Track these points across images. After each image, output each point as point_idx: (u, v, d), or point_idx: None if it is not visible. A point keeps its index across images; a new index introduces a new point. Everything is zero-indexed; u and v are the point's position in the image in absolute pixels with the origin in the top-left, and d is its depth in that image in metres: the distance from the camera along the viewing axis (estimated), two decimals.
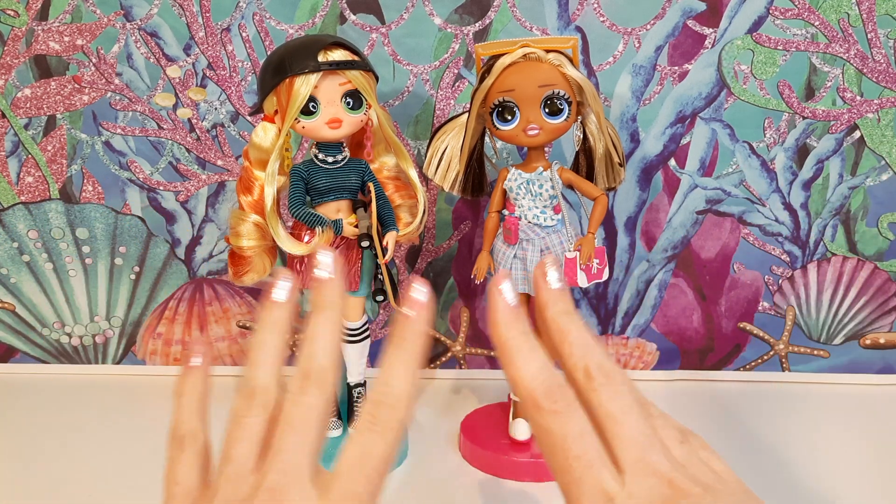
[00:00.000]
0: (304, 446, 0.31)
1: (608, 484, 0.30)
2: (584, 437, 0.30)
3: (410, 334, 0.32)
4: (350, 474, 0.31)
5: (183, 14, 0.74)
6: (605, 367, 0.32)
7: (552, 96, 0.58)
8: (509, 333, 0.32)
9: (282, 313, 0.34)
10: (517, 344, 0.32)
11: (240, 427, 0.32)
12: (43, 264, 0.80)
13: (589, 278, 0.61)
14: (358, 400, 0.67)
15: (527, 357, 0.32)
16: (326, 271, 0.34)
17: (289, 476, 0.30)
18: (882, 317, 0.79)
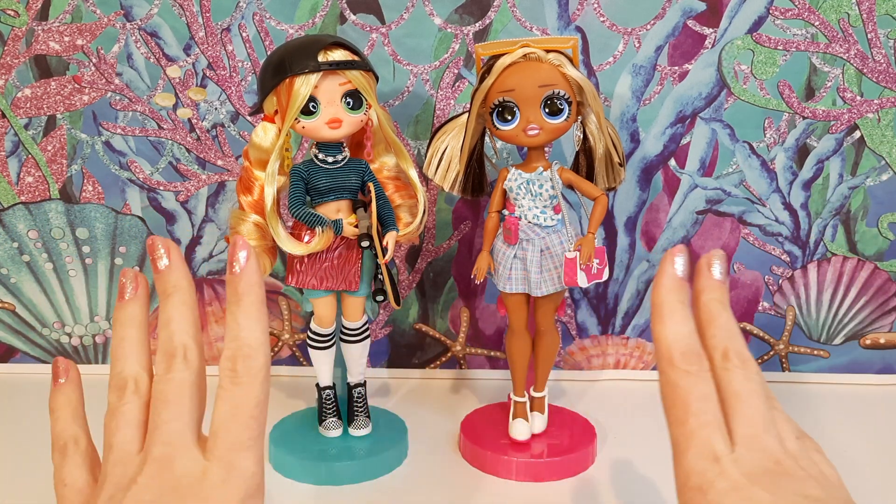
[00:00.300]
0: (181, 416, 0.32)
1: (718, 445, 0.32)
2: (707, 400, 0.33)
3: (244, 286, 0.33)
4: (226, 428, 0.31)
5: (183, 14, 0.74)
6: (743, 354, 0.34)
7: (552, 96, 0.58)
8: (670, 297, 0.34)
9: (135, 308, 0.35)
10: (674, 308, 0.34)
11: (116, 416, 0.33)
12: (43, 264, 0.80)
13: (589, 278, 0.61)
14: (358, 400, 0.67)
15: (678, 321, 0.34)
16: (162, 261, 0.34)
17: (173, 445, 0.31)
18: (882, 317, 0.79)
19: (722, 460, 0.31)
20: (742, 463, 0.31)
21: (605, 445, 0.68)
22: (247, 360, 0.32)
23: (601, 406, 0.75)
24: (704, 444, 0.32)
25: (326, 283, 0.63)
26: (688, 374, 0.33)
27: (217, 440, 0.31)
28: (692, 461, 0.32)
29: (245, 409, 0.32)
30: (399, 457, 0.66)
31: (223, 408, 0.32)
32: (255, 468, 0.32)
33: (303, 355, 0.82)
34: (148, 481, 0.31)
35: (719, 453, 0.31)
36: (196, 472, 0.31)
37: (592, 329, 0.81)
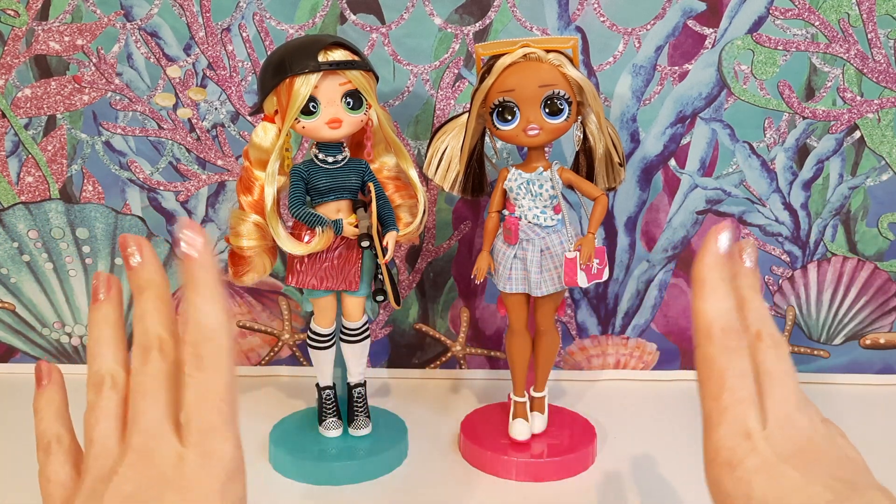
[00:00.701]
0: (158, 406, 0.32)
1: (751, 422, 0.32)
2: (743, 376, 0.32)
3: (199, 270, 0.33)
4: (198, 414, 0.31)
5: (183, 14, 0.74)
6: (776, 336, 0.34)
7: (552, 96, 0.58)
8: (713, 273, 0.34)
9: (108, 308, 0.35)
10: (716, 284, 0.34)
11: (95, 411, 0.33)
12: (43, 264, 0.80)
13: (589, 278, 0.61)
14: (358, 400, 0.67)
15: (720, 296, 0.33)
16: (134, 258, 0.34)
17: (150, 434, 0.31)
18: (882, 317, 0.79)
19: (754, 437, 0.31)
20: (774, 441, 0.31)
21: (605, 445, 0.68)
22: (209, 344, 0.32)
23: (601, 406, 0.75)
24: (737, 420, 0.32)
25: (326, 283, 0.63)
26: (726, 350, 0.33)
27: (190, 427, 0.31)
28: (723, 437, 0.32)
29: (214, 394, 0.32)
30: (399, 457, 0.66)
31: (192, 394, 0.32)
32: (233, 451, 0.32)
33: (303, 355, 0.82)
34: (127, 471, 0.31)
35: (751, 430, 0.32)
36: (174, 459, 0.31)
37: (592, 329, 0.81)
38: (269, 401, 0.76)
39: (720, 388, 0.32)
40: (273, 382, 0.81)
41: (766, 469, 0.31)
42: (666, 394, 0.79)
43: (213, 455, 0.31)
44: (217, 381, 0.32)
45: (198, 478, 0.31)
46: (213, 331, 0.32)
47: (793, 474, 0.30)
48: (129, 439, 0.32)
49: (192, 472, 0.31)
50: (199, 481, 0.30)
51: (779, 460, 0.31)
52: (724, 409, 0.32)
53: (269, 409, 0.73)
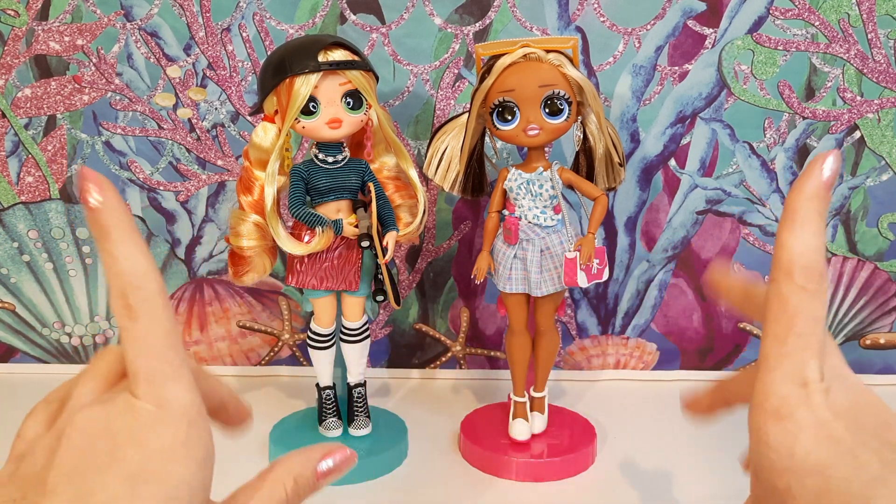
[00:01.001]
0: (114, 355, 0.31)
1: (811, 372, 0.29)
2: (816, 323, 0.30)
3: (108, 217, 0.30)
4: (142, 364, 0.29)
5: (183, 14, 0.74)
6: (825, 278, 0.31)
7: (552, 96, 0.58)
8: (808, 204, 0.31)
9: None
10: (811, 216, 0.30)
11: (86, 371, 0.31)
12: (43, 264, 0.80)
13: (589, 278, 0.61)
14: (358, 400, 0.67)
15: (811, 231, 0.30)
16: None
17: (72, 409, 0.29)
18: (882, 317, 0.79)
19: (810, 387, 0.29)
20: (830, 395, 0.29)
21: (605, 445, 0.68)
22: (137, 292, 0.29)
23: (601, 406, 0.75)
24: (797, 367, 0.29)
25: (326, 283, 0.63)
26: (803, 291, 0.30)
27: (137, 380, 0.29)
28: (777, 382, 0.29)
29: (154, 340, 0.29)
30: (399, 457, 0.66)
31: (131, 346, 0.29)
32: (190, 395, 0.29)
33: (303, 355, 0.82)
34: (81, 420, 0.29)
35: (809, 379, 0.29)
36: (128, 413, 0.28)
37: (592, 329, 0.81)
38: (269, 401, 0.76)
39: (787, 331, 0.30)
40: (273, 382, 0.81)
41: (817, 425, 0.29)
42: (666, 394, 0.79)
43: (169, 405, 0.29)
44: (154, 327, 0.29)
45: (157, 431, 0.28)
46: (137, 276, 0.29)
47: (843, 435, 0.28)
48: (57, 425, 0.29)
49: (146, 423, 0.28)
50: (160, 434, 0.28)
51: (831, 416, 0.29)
52: (786, 354, 0.30)
53: (269, 409, 0.73)
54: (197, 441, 0.29)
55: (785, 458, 0.29)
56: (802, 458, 0.28)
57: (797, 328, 0.30)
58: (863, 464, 0.28)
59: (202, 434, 0.29)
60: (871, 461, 0.28)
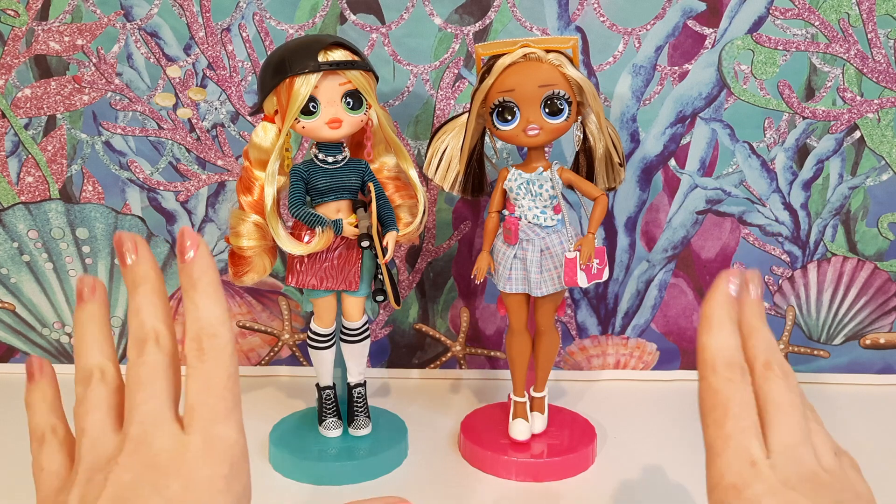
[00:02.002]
0: (156, 396, 0.32)
1: (755, 451, 0.32)
2: (746, 406, 0.33)
3: (198, 271, 0.33)
4: (202, 402, 0.32)
5: (183, 14, 0.74)
6: (784, 367, 0.35)
7: (552, 96, 0.58)
8: (720, 311, 0.35)
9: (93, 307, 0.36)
10: (723, 321, 0.35)
11: (84, 403, 0.33)
12: (43, 264, 0.80)
13: (589, 278, 0.61)
14: (358, 400, 0.67)
15: (726, 333, 0.35)
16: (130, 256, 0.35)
17: (150, 423, 0.31)
18: (882, 317, 0.79)
19: (759, 465, 0.32)
20: (779, 470, 0.32)
21: (605, 445, 0.68)
22: (211, 339, 0.33)
23: (601, 406, 0.75)
24: (742, 448, 0.32)
25: (326, 283, 0.63)
26: (730, 382, 0.34)
27: (194, 414, 0.31)
28: (729, 462, 0.32)
29: (217, 383, 0.32)
30: (399, 457, 0.66)
31: (195, 384, 0.32)
32: (237, 436, 0.32)
33: (303, 355, 0.82)
34: (127, 460, 0.30)
35: (756, 458, 0.32)
36: (175, 447, 0.31)
37: (592, 329, 0.81)
38: (269, 401, 0.76)
39: (724, 416, 0.33)
40: (273, 382, 0.81)
41: (774, 494, 0.31)
42: (666, 394, 0.79)
43: (216, 442, 0.31)
44: (219, 371, 0.32)
45: (201, 465, 0.30)
46: (214, 326, 0.33)
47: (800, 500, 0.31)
48: (128, 429, 0.31)
49: (194, 458, 0.30)
50: (204, 468, 0.30)
51: (786, 487, 0.31)
52: (728, 437, 0.33)
53: (269, 409, 0.73)
54: (238, 478, 0.31)
55: None
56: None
57: (731, 412, 0.33)
58: None
59: (242, 473, 0.32)
60: None
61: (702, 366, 0.35)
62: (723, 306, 0.35)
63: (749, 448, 0.32)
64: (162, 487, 0.30)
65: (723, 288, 0.36)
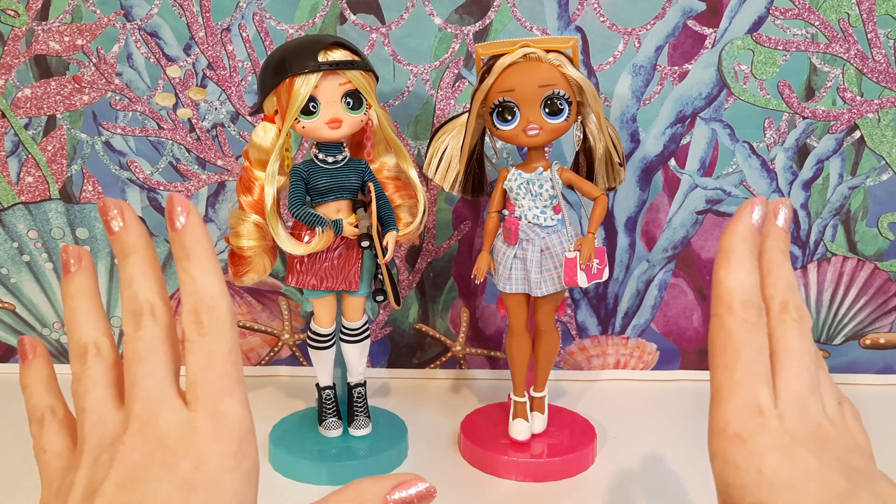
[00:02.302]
0: (157, 371, 0.31)
1: (764, 399, 0.31)
2: (759, 352, 0.32)
3: (191, 240, 0.32)
4: (204, 378, 0.31)
5: (183, 14, 0.74)
6: (801, 309, 0.33)
7: (552, 96, 0.58)
8: (741, 244, 0.33)
9: (82, 279, 0.35)
10: (743, 255, 0.33)
11: (83, 380, 0.32)
12: (43, 264, 0.80)
13: (589, 278, 0.61)
14: (358, 400, 0.67)
15: (745, 268, 0.33)
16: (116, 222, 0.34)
17: (153, 400, 0.30)
18: (882, 317, 0.79)
19: (766, 414, 0.31)
20: (786, 421, 0.31)
21: (605, 445, 0.68)
22: (210, 311, 0.31)
23: (601, 406, 0.75)
24: (750, 395, 0.31)
25: (326, 283, 0.63)
26: (745, 323, 0.32)
27: (197, 391, 0.30)
28: (735, 409, 0.31)
29: (219, 357, 0.31)
30: (399, 457, 0.66)
31: (196, 359, 0.31)
32: (243, 411, 0.31)
33: (303, 355, 0.82)
34: (133, 440, 0.30)
35: (764, 407, 0.31)
36: (182, 425, 0.30)
37: (592, 329, 0.81)
38: (269, 401, 0.76)
39: (734, 361, 0.32)
40: (273, 382, 0.81)
41: (780, 448, 0.30)
42: (666, 394, 0.79)
43: (224, 418, 0.30)
44: (220, 344, 0.31)
45: (210, 443, 0.30)
46: (212, 297, 0.32)
47: (807, 457, 0.30)
48: (131, 407, 0.30)
49: (203, 437, 0.30)
50: (213, 446, 0.30)
51: (792, 441, 0.30)
52: (737, 383, 0.31)
53: (269, 409, 0.73)
54: (246, 455, 0.30)
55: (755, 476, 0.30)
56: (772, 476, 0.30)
57: (744, 358, 0.32)
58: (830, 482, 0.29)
59: (251, 450, 0.31)
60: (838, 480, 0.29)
61: (716, 302, 0.33)
62: (744, 238, 0.33)
63: (757, 396, 0.31)
64: (171, 466, 0.29)
65: (745, 218, 0.33)
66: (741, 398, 0.31)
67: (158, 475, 0.29)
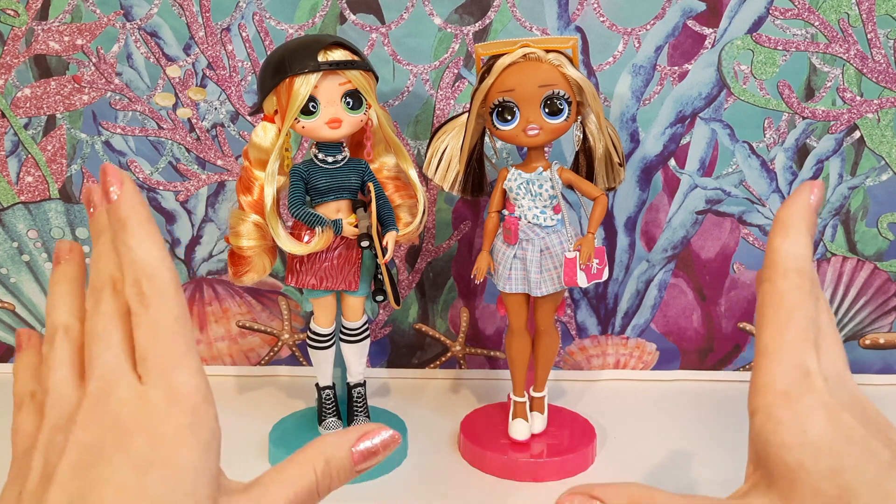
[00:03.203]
0: (112, 347, 0.31)
1: (811, 363, 0.31)
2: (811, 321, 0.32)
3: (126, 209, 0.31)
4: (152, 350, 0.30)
5: (183, 14, 0.74)
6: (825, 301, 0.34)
7: (552, 96, 0.58)
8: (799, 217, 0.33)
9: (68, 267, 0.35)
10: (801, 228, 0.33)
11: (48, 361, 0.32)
12: (43, 264, 0.80)
13: (589, 278, 0.61)
14: (358, 400, 0.67)
15: (802, 239, 0.33)
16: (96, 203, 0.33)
17: (107, 377, 0.30)
18: (882, 317, 0.79)
19: (813, 377, 0.30)
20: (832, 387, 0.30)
21: (605, 445, 0.68)
22: (150, 280, 0.30)
23: (601, 406, 0.75)
24: (800, 356, 0.31)
25: (326, 283, 0.63)
26: (799, 290, 0.32)
27: (147, 364, 0.30)
28: (783, 367, 0.31)
29: (165, 327, 0.30)
30: (399, 457, 0.66)
31: (142, 332, 0.30)
32: (195, 380, 0.30)
33: (303, 355, 0.82)
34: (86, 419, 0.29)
35: (811, 370, 0.31)
36: (134, 400, 0.29)
37: (592, 329, 0.81)
38: (268, 401, 0.76)
39: (787, 322, 0.31)
40: (273, 382, 0.81)
41: (826, 410, 0.30)
42: (666, 394, 0.79)
43: (175, 389, 0.30)
44: (165, 314, 0.30)
45: (164, 416, 0.29)
46: (151, 266, 0.31)
47: (853, 423, 0.30)
48: (88, 385, 0.30)
49: (155, 409, 0.29)
50: (166, 419, 0.29)
51: (837, 405, 0.30)
52: (787, 343, 0.31)
53: (269, 409, 0.73)
54: (202, 425, 0.30)
55: (798, 435, 0.29)
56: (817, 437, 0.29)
57: (795, 321, 0.31)
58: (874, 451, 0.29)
59: (207, 418, 0.30)
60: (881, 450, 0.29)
61: (770, 268, 0.32)
62: (802, 213, 0.33)
63: (807, 359, 0.31)
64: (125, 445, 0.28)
65: (804, 196, 0.33)
66: (791, 358, 0.31)
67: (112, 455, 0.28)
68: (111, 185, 0.31)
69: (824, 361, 0.31)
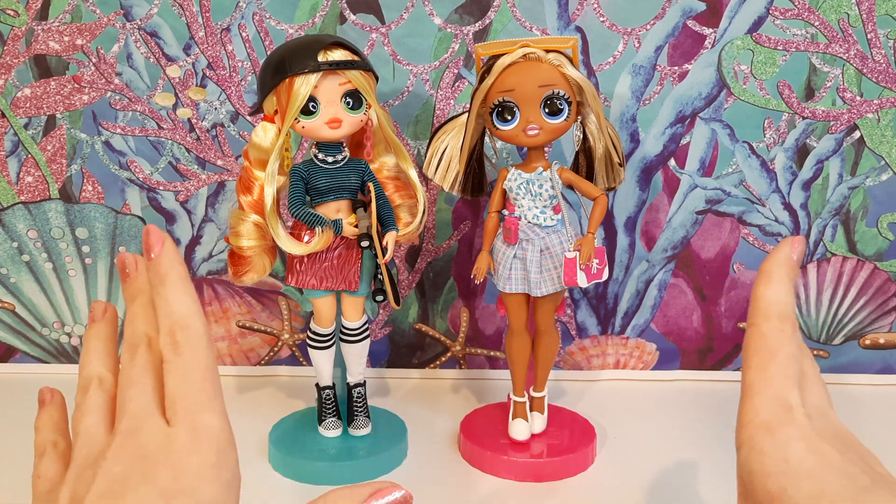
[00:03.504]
0: (145, 392, 0.33)
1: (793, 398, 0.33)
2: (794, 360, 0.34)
3: (165, 266, 0.34)
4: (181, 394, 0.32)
5: (183, 14, 0.74)
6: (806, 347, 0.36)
7: (552, 96, 0.58)
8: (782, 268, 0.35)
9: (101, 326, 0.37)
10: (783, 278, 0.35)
11: (82, 408, 0.34)
12: (43, 264, 0.80)
13: (589, 278, 0.61)
14: (358, 400, 0.67)
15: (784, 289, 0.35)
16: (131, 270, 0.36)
17: (139, 418, 0.32)
18: (882, 317, 0.79)
19: (794, 411, 0.32)
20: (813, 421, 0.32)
21: (605, 445, 0.68)
22: (184, 331, 0.33)
23: (601, 406, 0.75)
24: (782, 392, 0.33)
25: (326, 282, 0.63)
26: (781, 332, 0.34)
27: (175, 407, 0.32)
28: (765, 402, 0.33)
29: (195, 374, 0.33)
30: (399, 457, 0.66)
31: (173, 377, 0.33)
32: (221, 423, 0.32)
33: (303, 355, 0.82)
34: (116, 453, 0.31)
35: (793, 405, 0.32)
36: (162, 438, 0.31)
37: (592, 329, 0.81)
38: (268, 401, 0.76)
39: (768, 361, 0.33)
40: (273, 382, 0.81)
41: (806, 440, 0.31)
42: (666, 394, 0.79)
43: (201, 431, 0.31)
44: (196, 362, 0.33)
45: (189, 454, 0.31)
46: (185, 318, 0.33)
47: (831, 451, 0.31)
48: (118, 426, 0.32)
49: (181, 449, 0.31)
50: (191, 456, 0.31)
51: (817, 437, 0.31)
52: (769, 379, 0.33)
53: (269, 409, 0.73)
54: (225, 465, 0.32)
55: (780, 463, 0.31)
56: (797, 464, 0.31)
57: (777, 360, 0.33)
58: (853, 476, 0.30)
59: (230, 460, 0.32)
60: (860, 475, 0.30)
61: (754, 314, 0.35)
62: (785, 265, 0.35)
63: (788, 394, 0.32)
64: (151, 477, 0.30)
65: (786, 251, 0.36)
66: (773, 393, 0.33)
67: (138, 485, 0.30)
68: (154, 245, 0.34)
69: (808, 400, 0.33)
